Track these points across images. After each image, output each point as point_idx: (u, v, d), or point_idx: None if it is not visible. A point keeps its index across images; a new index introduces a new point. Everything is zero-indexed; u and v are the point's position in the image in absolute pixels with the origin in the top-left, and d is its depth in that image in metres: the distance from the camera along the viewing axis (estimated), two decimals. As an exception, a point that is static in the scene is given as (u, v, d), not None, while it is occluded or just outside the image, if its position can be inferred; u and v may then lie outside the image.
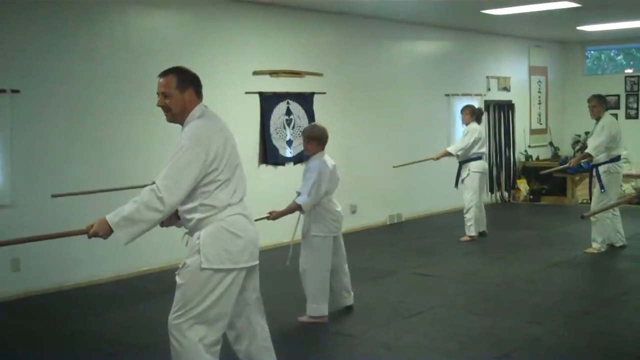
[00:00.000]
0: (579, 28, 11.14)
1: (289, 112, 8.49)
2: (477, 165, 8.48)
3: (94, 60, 6.69)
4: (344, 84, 9.21)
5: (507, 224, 9.82)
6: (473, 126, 8.45)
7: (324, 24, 8.98)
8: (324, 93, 8.86)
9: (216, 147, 3.25)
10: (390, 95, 9.90)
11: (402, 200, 10.04)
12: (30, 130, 6.25)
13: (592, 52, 13.86)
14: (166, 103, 3.34)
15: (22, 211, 6.15)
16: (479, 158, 8.48)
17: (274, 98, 8.33)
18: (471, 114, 8.50)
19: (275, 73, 8.34)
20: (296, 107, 8.57)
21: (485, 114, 11.22)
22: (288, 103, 8.48)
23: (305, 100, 8.68)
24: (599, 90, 8.54)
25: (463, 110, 8.62)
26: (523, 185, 12.17)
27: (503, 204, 11.91)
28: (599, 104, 7.48)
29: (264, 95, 8.22)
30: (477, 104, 10.41)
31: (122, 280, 6.78)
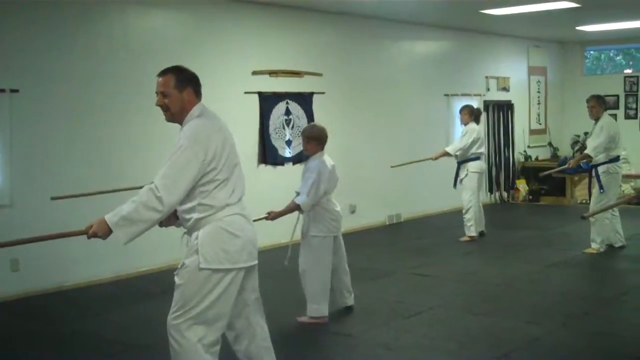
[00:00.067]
0: (578, 28, 11.14)
1: (288, 112, 8.49)
2: (476, 165, 8.48)
3: (94, 60, 6.69)
4: (343, 84, 9.21)
5: (506, 224, 9.82)
6: (472, 126, 8.45)
7: (323, 24, 8.98)
8: (323, 93, 8.86)
9: (215, 147, 3.24)
10: (390, 95, 9.90)
11: (402, 200, 10.04)
12: (29, 130, 6.24)
13: (592, 52, 13.86)
14: (165, 102, 3.34)
15: (21, 211, 6.15)
16: (477, 158, 8.48)
17: (273, 98, 8.33)
18: (470, 114, 8.50)
19: (274, 73, 8.34)
20: (295, 107, 8.57)
21: (485, 114, 11.24)
22: (287, 103, 8.48)
23: (305, 100, 8.68)
24: (598, 91, 8.54)
25: (462, 110, 8.62)
26: (522, 186, 12.17)
27: (502, 204, 11.91)
28: (597, 105, 7.48)
29: (263, 95, 8.22)
30: (477, 104, 10.40)
31: (122, 281, 6.78)
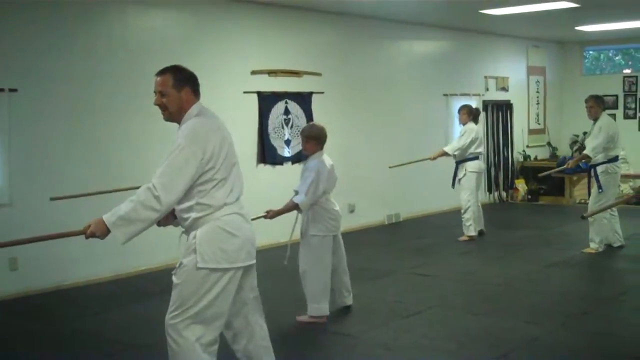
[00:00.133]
0: (577, 28, 11.14)
1: (287, 112, 8.48)
2: (474, 165, 8.48)
3: (93, 59, 6.68)
4: (343, 83, 9.20)
5: (505, 224, 9.82)
6: (470, 126, 8.46)
7: (322, 23, 8.97)
8: (322, 93, 8.86)
9: (213, 146, 3.24)
10: (389, 95, 9.90)
11: (400, 200, 10.04)
12: (28, 130, 6.24)
13: (591, 52, 13.86)
14: (163, 102, 3.33)
15: (21, 210, 6.14)
16: (475, 158, 8.48)
17: (273, 97, 8.33)
18: (468, 114, 8.51)
19: (273, 72, 8.34)
20: (294, 107, 8.56)
21: (484, 113, 11.24)
22: (286, 102, 8.48)
23: (304, 99, 8.67)
24: (597, 91, 8.54)
25: (460, 110, 8.62)
26: (521, 185, 12.17)
27: (501, 203, 11.91)
28: (596, 105, 7.48)
29: (262, 95, 8.21)
30: (476, 103, 10.40)
31: (120, 280, 6.77)
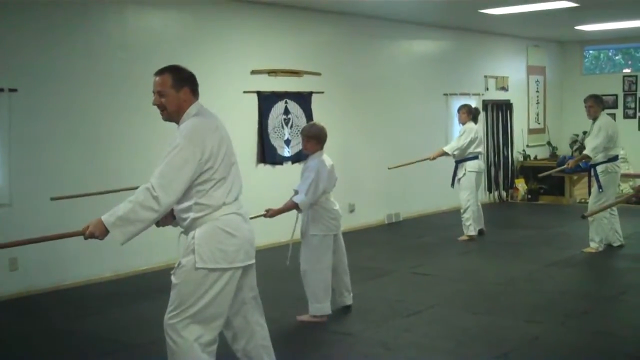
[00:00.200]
0: (577, 28, 11.14)
1: (287, 112, 8.48)
2: (474, 164, 8.47)
3: (93, 59, 6.68)
4: (342, 83, 9.20)
5: (505, 224, 9.82)
6: (470, 125, 8.45)
7: (322, 23, 8.97)
8: (322, 92, 8.85)
9: (211, 146, 3.24)
10: (389, 95, 9.90)
11: (400, 199, 10.04)
12: (27, 129, 6.23)
13: (590, 52, 13.85)
14: (162, 102, 3.32)
15: (20, 210, 6.14)
16: (475, 158, 8.48)
17: (272, 97, 8.32)
18: (468, 114, 8.50)
19: (273, 72, 8.34)
20: (294, 107, 8.56)
21: (484, 113, 11.23)
22: (286, 102, 8.47)
23: (304, 99, 8.67)
24: (597, 90, 8.54)
25: (460, 109, 8.62)
26: (521, 185, 12.17)
27: (501, 203, 11.91)
28: (595, 104, 7.49)
29: (262, 95, 8.21)
30: (475, 103, 10.40)
31: (119, 280, 6.77)
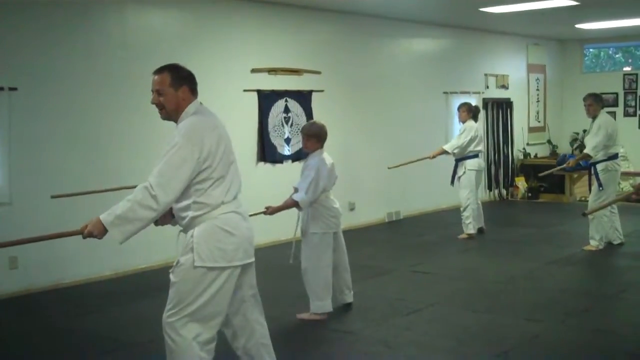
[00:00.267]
0: (577, 26, 11.13)
1: (287, 110, 8.47)
2: (474, 163, 8.47)
3: (93, 58, 6.67)
4: (342, 81, 9.19)
5: (506, 222, 9.82)
6: (470, 124, 8.45)
7: (322, 22, 8.96)
8: (322, 91, 8.84)
9: (210, 145, 3.23)
10: (389, 93, 9.89)
11: (401, 197, 10.03)
12: (27, 128, 6.23)
13: (591, 50, 13.84)
14: (160, 101, 3.32)
15: (20, 209, 6.14)
16: (475, 156, 8.47)
17: (272, 96, 8.32)
18: (468, 112, 8.50)
19: (273, 71, 8.33)
20: (294, 105, 8.55)
21: (484, 111, 11.23)
22: (286, 101, 8.47)
23: (304, 98, 8.66)
24: (597, 88, 8.54)
25: (460, 108, 8.61)
26: (521, 183, 12.17)
27: (501, 201, 11.91)
28: (595, 103, 7.49)
29: (262, 93, 8.20)
30: (476, 101, 10.40)
31: (119, 278, 6.77)
